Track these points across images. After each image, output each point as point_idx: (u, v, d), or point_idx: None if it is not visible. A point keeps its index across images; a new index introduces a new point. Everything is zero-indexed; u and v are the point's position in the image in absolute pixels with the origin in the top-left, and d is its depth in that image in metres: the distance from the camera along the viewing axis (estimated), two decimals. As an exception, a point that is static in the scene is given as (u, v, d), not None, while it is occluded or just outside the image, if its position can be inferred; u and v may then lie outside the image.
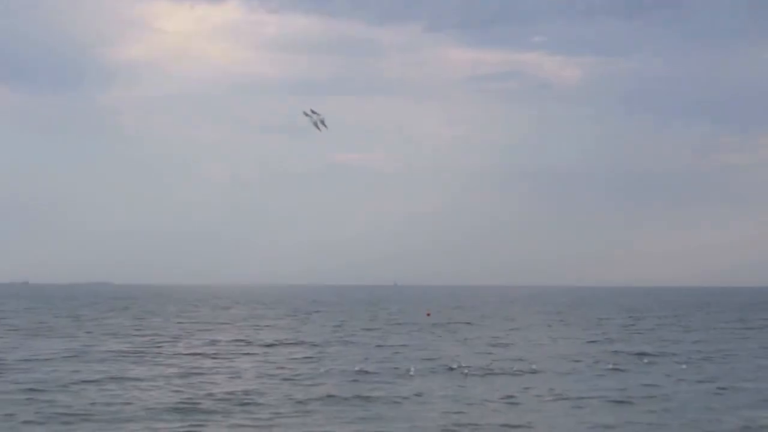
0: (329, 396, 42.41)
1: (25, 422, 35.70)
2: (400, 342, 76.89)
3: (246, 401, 40.60)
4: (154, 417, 36.64)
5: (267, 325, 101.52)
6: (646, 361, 60.58)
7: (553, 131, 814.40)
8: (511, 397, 43.28)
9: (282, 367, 55.13)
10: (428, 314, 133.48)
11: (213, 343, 73.30)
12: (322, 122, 48.39)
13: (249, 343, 72.96)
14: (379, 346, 72.25)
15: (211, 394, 42.51)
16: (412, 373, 52.21)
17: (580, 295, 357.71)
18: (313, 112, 48.65)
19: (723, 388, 46.79)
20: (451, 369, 54.21)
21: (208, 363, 57.19)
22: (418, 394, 43.50)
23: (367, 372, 52.38)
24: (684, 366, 57.26)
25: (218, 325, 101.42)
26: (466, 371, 53.11)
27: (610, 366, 57.13)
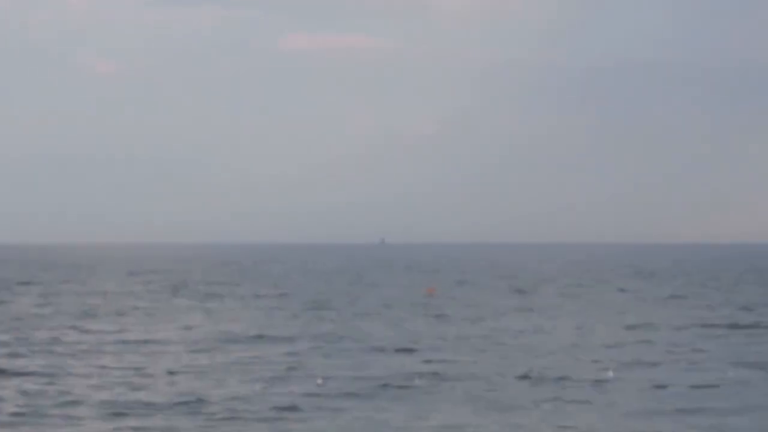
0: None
1: None
2: (392, 332, 78.11)
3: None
4: None
5: (181, 308, 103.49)
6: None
7: (615, 4, 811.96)
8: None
9: (209, 376, 54.40)
10: (431, 290, 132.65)
11: (56, 341, 72.07)
12: None
13: (151, 341, 72.23)
14: (359, 339, 73.40)
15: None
16: (416, 384, 52.49)
17: (670, 257, 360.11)
18: None
19: None
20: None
21: (58, 369, 56.68)
22: (429, 422, 42.39)
23: (344, 383, 51.81)
24: None
25: (81, 305, 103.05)
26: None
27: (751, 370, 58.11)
